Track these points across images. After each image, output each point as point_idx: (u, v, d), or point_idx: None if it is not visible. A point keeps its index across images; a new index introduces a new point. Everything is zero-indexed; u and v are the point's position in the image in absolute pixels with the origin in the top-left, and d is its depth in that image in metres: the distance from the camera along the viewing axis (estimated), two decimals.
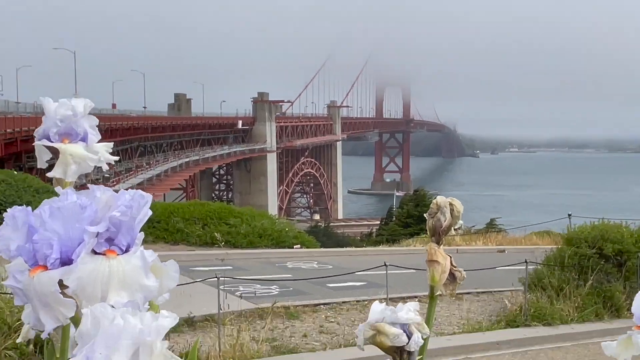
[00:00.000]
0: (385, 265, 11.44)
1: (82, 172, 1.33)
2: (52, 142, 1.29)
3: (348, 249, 24.11)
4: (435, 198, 1.41)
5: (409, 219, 47.61)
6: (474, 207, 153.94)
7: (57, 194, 0.97)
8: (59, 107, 1.29)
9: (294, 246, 20.44)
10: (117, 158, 1.69)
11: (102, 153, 1.36)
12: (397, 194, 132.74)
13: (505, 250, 22.98)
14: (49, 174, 1.32)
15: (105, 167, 1.54)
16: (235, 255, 18.31)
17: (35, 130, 1.44)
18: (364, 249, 23.87)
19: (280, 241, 20.35)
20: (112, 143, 1.70)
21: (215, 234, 18.87)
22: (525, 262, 13.21)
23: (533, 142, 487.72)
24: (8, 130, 43.71)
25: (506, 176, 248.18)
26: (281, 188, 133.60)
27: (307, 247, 21.12)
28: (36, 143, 1.31)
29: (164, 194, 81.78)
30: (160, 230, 19.02)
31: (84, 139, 1.33)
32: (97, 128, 1.58)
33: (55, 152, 1.31)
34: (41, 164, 1.45)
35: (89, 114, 1.35)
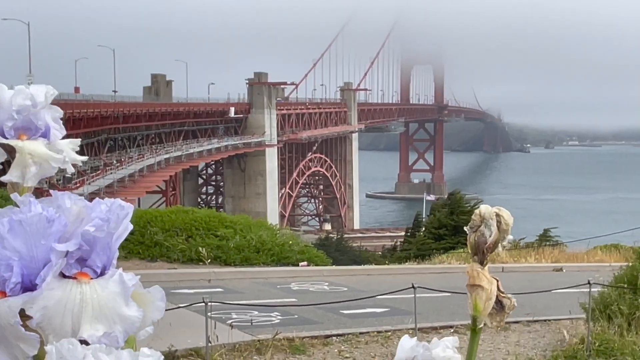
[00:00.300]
0: (413, 287, 11.44)
1: (44, 175, 1.29)
2: (6, 138, 1.27)
3: (366, 267, 24.14)
4: (476, 205, 1.40)
5: (441, 230, 47.63)
6: (524, 215, 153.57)
7: (14, 203, 0.96)
8: (16, 96, 1.29)
9: (300, 264, 20.51)
10: (85, 158, 1.69)
11: (68, 152, 1.34)
12: (428, 198, 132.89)
13: (563, 268, 22.93)
14: (3, 178, 1.29)
15: (70, 169, 1.54)
16: (226, 275, 18.39)
17: None
18: (386, 267, 23.89)
19: (282, 257, 20.44)
20: (80, 140, 1.71)
21: (202, 248, 18.96)
22: (589, 283, 13.16)
23: (598, 133, 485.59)
24: None
25: (564, 176, 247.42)
26: (283, 191, 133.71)
27: (316, 265, 21.17)
28: None
29: (139, 199, 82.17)
30: (135, 244, 19.15)
31: (45, 135, 1.32)
32: (60, 121, 1.59)
33: (10, 151, 1.29)
34: None
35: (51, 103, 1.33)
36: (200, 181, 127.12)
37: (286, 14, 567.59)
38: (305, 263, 20.69)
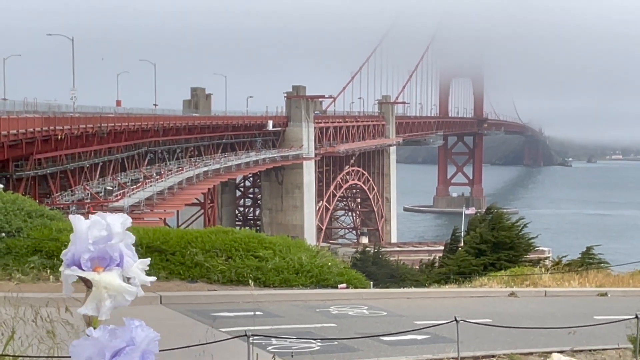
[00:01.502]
0: (456, 320, 11.36)
1: (118, 306, 1.37)
2: (83, 269, 1.34)
3: (406, 290, 24.01)
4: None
5: (481, 245, 47.07)
6: (567, 230, 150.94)
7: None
8: (92, 228, 1.34)
9: (339, 286, 20.50)
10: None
11: (138, 274, 1.40)
12: (467, 212, 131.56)
13: (608, 293, 22.50)
14: (79, 310, 1.37)
15: (140, 293, 1.63)
16: (265, 297, 18.47)
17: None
18: (426, 290, 23.74)
19: (321, 279, 20.46)
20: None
21: (242, 269, 19.09)
22: (637, 317, 12.90)
23: None
24: None
25: (607, 190, 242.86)
26: (320, 204, 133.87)
27: (355, 287, 21.14)
28: (66, 272, 1.36)
29: (178, 211, 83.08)
30: (175, 264, 19.37)
31: (119, 264, 1.38)
32: (133, 247, 1.67)
33: (86, 281, 1.36)
34: (67, 292, 1.49)
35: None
36: (238, 194, 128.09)
37: (325, 28, 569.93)
38: (344, 285, 20.67)
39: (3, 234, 16.69)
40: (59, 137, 57.62)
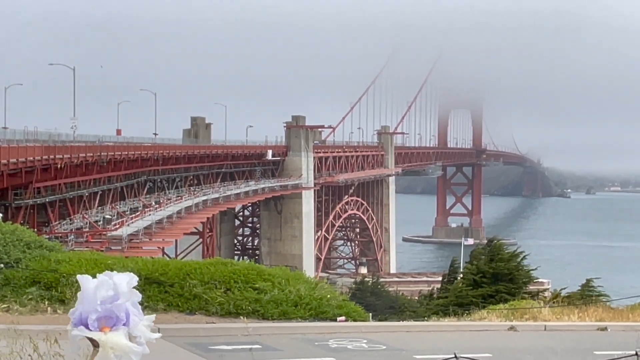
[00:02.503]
0: (455, 357, 11.31)
1: None
2: (90, 329, 1.37)
3: (405, 323, 23.88)
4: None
5: (480, 277, 46.92)
6: (566, 262, 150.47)
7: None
8: (100, 289, 1.36)
9: (338, 318, 20.39)
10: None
11: (144, 332, 1.42)
12: (466, 243, 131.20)
13: (608, 328, 22.37)
14: None
15: (146, 351, 1.65)
16: (264, 330, 18.36)
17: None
18: (425, 323, 23.61)
19: (320, 312, 20.34)
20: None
21: (241, 301, 18.99)
22: (636, 355, 12.82)
23: None
24: None
25: (607, 222, 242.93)
26: (319, 234, 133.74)
27: (354, 320, 21.02)
28: (74, 333, 1.38)
29: (176, 240, 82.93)
30: (174, 296, 19.27)
31: (125, 323, 1.40)
32: (139, 305, 1.69)
33: (93, 341, 1.39)
34: (74, 350, 1.51)
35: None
36: (237, 223, 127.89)
37: (325, 59, 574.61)
38: (343, 318, 20.56)
39: (1, 265, 16.67)
40: (59, 165, 57.72)
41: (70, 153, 61.25)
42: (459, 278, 59.29)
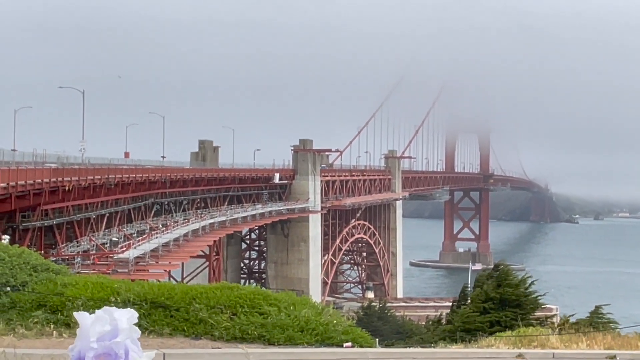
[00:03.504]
0: None
1: None
2: None
3: (412, 349, 23.67)
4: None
5: (488, 303, 46.61)
6: (574, 288, 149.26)
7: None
8: (96, 324, 1.33)
9: (344, 345, 20.22)
10: None
11: None
12: (474, 268, 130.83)
13: (617, 356, 22.10)
14: None
15: None
16: (270, 356, 18.21)
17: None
18: (432, 350, 23.39)
19: (326, 337, 20.18)
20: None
21: (247, 326, 18.87)
22: None
23: None
24: (1, 184, 45.46)
25: (615, 248, 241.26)
26: (326, 258, 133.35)
27: (361, 346, 20.85)
28: None
29: (183, 263, 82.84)
30: (180, 321, 19.17)
31: None
32: (138, 342, 1.67)
33: None
34: None
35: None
36: (244, 246, 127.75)
37: (332, 83, 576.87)
38: (349, 344, 20.39)
39: (8, 288, 16.65)
40: (67, 188, 57.91)
41: (79, 175, 61.49)
42: (467, 304, 58.96)
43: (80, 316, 1.32)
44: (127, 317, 1.32)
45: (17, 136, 75.86)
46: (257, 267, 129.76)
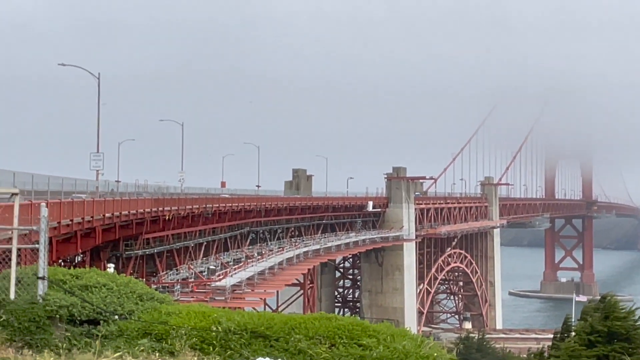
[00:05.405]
0: None
1: None
2: None
3: None
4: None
5: (594, 336, 44.58)
6: None
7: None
8: None
9: None
10: None
11: None
12: (578, 299, 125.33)
13: None
14: None
15: None
16: None
17: None
18: None
19: None
20: None
21: (346, 357, 18.77)
22: None
23: None
24: (106, 214, 47.38)
25: None
26: (421, 287, 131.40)
27: None
28: None
29: (278, 292, 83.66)
30: (279, 351, 19.29)
31: None
32: None
33: None
34: None
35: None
36: (338, 275, 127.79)
37: (425, 109, 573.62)
38: None
39: (116, 317, 17.36)
40: (167, 217, 59.86)
41: (178, 205, 63.50)
42: (570, 337, 56.72)
43: None
44: None
45: (121, 167, 79.22)
46: (351, 296, 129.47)
